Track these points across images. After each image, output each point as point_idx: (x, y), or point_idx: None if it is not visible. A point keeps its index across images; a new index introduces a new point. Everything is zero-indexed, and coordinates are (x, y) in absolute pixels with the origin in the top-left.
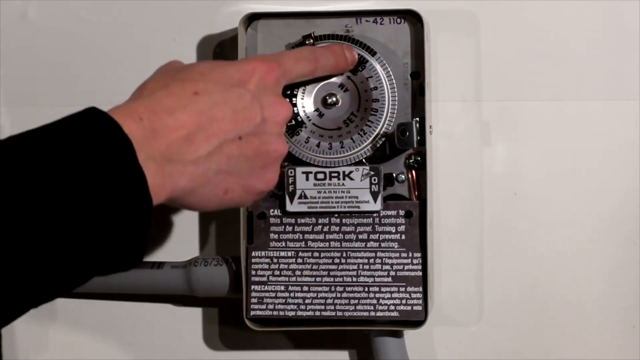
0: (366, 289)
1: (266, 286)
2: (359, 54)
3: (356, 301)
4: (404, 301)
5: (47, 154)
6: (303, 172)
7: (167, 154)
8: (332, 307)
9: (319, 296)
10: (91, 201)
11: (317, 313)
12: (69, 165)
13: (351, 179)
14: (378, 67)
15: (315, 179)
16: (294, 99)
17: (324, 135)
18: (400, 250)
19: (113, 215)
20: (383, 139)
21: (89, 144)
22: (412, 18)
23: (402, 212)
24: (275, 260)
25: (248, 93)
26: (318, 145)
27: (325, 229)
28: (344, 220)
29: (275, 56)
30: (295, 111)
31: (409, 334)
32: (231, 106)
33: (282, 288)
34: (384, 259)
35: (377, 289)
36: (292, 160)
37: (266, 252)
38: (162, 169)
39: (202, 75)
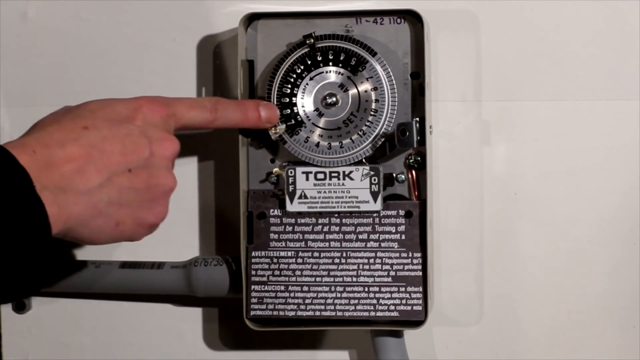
0: (366, 289)
1: (266, 286)
2: (359, 54)
3: (356, 301)
4: (404, 301)
5: None
6: (303, 172)
7: (61, 185)
8: (332, 307)
9: (319, 296)
10: None
11: (317, 313)
12: None
13: (351, 179)
14: (378, 67)
15: (315, 179)
16: (294, 99)
17: (323, 135)
18: (400, 250)
19: (13, 243)
20: (383, 139)
21: None
22: (412, 18)
23: (402, 212)
24: (275, 260)
25: (136, 128)
26: (318, 145)
27: (325, 229)
28: (344, 220)
29: (168, 99)
30: (295, 111)
31: (409, 334)
32: (120, 140)
33: (282, 288)
34: (384, 259)
35: (377, 289)
36: (292, 160)
37: (266, 252)
38: (57, 199)
39: (91, 112)
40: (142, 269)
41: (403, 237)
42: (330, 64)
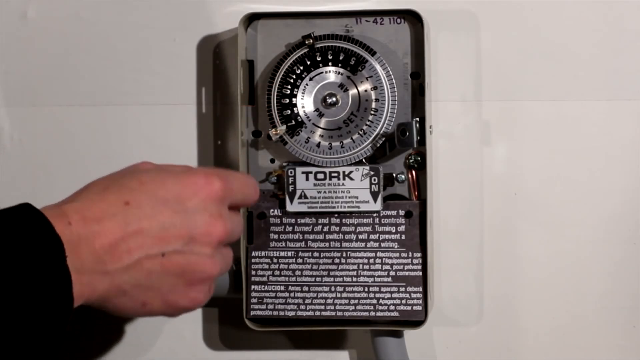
0: (366, 289)
1: (266, 286)
2: (358, 54)
3: (356, 301)
4: (404, 301)
5: None
6: (303, 172)
7: (89, 261)
8: (332, 307)
9: (319, 296)
10: (15, 299)
11: (317, 313)
12: None
13: (351, 179)
14: (378, 67)
15: (315, 179)
16: (293, 99)
17: (323, 135)
18: (400, 250)
19: (35, 313)
20: (383, 139)
21: (21, 242)
22: (412, 18)
23: (402, 212)
24: (275, 260)
25: (181, 210)
26: (318, 145)
27: (325, 229)
28: (344, 220)
29: (224, 174)
30: (296, 112)
31: (409, 334)
32: (159, 221)
33: (282, 288)
34: (384, 259)
35: (377, 289)
36: (292, 160)
37: (266, 252)
38: (81, 276)
39: (140, 184)
40: None
41: (403, 237)
42: (330, 64)
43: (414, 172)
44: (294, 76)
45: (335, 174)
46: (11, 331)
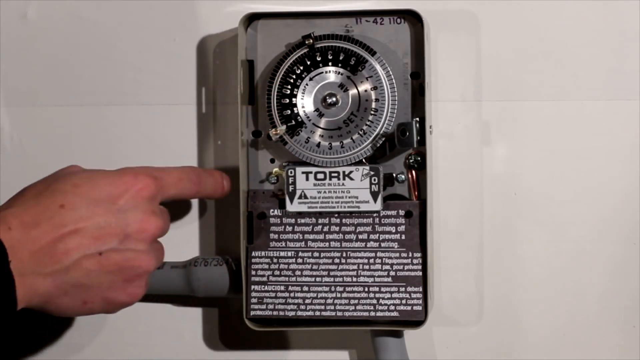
0: (366, 289)
1: (266, 286)
2: (358, 54)
3: (356, 301)
4: (404, 301)
5: None
6: (303, 172)
7: (29, 265)
8: (332, 307)
9: (319, 296)
10: None
11: (317, 313)
12: None
13: (351, 179)
14: (378, 67)
15: (315, 179)
16: (293, 99)
17: (323, 135)
18: (400, 250)
19: None
20: (383, 139)
21: None
22: (412, 18)
23: (402, 212)
24: (275, 260)
25: (115, 209)
26: (318, 145)
27: (325, 229)
28: (344, 220)
29: (156, 172)
30: (296, 112)
31: (409, 334)
32: (94, 221)
33: (282, 288)
34: (384, 259)
35: (377, 289)
36: (292, 160)
37: (266, 252)
38: (23, 280)
39: (73, 186)
40: None
41: (403, 237)
42: (330, 64)
43: (414, 172)
44: (294, 76)
45: (335, 174)
46: None
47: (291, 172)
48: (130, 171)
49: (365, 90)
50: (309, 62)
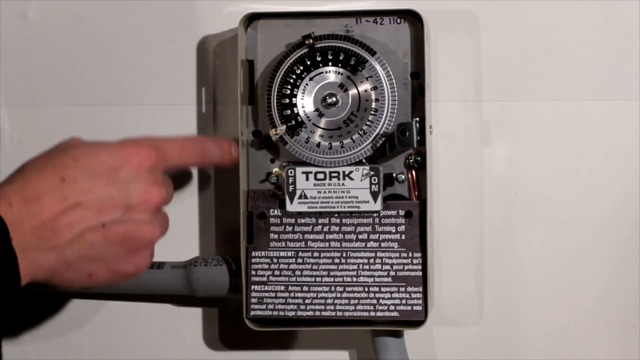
0: (366, 289)
1: (266, 286)
2: (358, 54)
3: (356, 301)
4: (404, 301)
5: None
6: (303, 172)
7: (32, 240)
8: (332, 307)
9: (319, 296)
10: None
11: (317, 313)
12: None
13: (351, 179)
14: (378, 67)
15: (315, 179)
16: (293, 99)
17: (324, 135)
18: (400, 250)
19: None
20: (383, 139)
21: None
22: (412, 18)
23: (402, 212)
24: (275, 260)
25: (117, 180)
26: (318, 145)
27: (325, 229)
28: (344, 220)
29: (157, 142)
30: (296, 112)
31: (409, 334)
32: (96, 194)
33: (282, 288)
34: (384, 259)
35: (377, 289)
36: (292, 160)
37: (266, 252)
38: (26, 254)
39: (74, 159)
40: None
41: (403, 237)
42: (330, 64)
43: (414, 172)
44: (294, 76)
45: (335, 174)
46: None
47: (291, 172)
48: (131, 142)
49: (365, 90)
50: (309, 62)
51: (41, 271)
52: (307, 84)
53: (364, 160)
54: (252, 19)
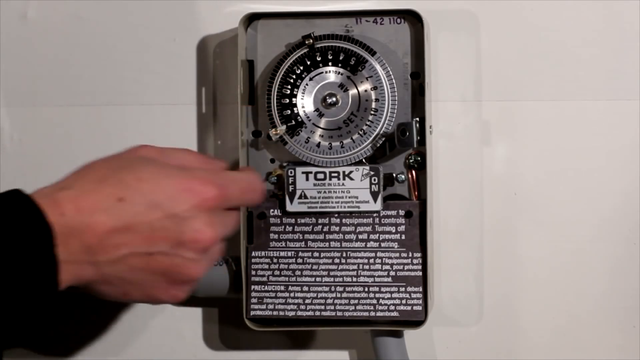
0: (366, 289)
1: (266, 286)
2: (358, 54)
3: (356, 301)
4: (404, 301)
5: None
6: (303, 172)
7: (76, 254)
8: (332, 307)
9: (319, 296)
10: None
11: (317, 313)
12: None
13: (351, 179)
14: (378, 67)
15: (315, 179)
16: (293, 99)
17: (323, 135)
18: (400, 250)
19: (21, 297)
20: (383, 139)
21: (9, 228)
22: (412, 18)
23: (402, 212)
24: (275, 260)
25: (173, 214)
26: (318, 145)
27: (325, 229)
28: (344, 220)
29: (224, 181)
30: (296, 112)
31: (409, 334)
32: (149, 222)
33: (282, 288)
34: (384, 259)
35: (377, 289)
36: (292, 160)
37: (266, 252)
38: (68, 266)
39: (137, 181)
40: None
41: (403, 237)
42: (330, 64)
43: (414, 172)
44: (294, 76)
45: (335, 174)
46: None
47: (291, 172)
48: (198, 177)
49: (365, 90)
50: (309, 62)
51: (79, 281)
52: (307, 84)
53: (364, 160)
54: (252, 19)
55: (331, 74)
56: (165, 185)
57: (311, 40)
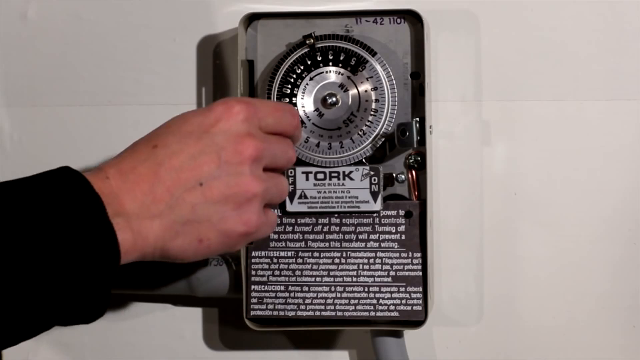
0: (366, 289)
1: (266, 286)
2: (358, 54)
3: (356, 301)
4: (404, 301)
5: (20, 209)
6: (303, 172)
7: (133, 210)
8: (332, 307)
9: (319, 296)
10: (61, 255)
11: (317, 313)
12: (41, 219)
13: (351, 179)
14: (378, 67)
15: (315, 179)
16: (294, 99)
17: (323, 135)
18: (400, 250)
19: (82, 269)
20: (383, 139)
21: (61, 200)
22: (412, 18)
23: (402, 212)
24: (275, 260)
25: (206, 136)
26: (318, 145)
27: (325, 229)
28: (344, 220)
29: (247, 99)
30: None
31: (409, 334)
32: (187, 153)
33: (282, 288)
34: (384, 259)
35: (377, 289)
36: None
37: (266, 252)
38: (130, 225)
39: (165, 127)
40: None
41: (403, 237)
42: (330, 64)
43: (414, 172)
44: (294, 76)
45: (335, 174)
46: (60, 292)
47: (291, 172)
48: (221, 101)
49: (366, 91)
50: (309, 62)
51: (149, 243)
52: (307, 84)
53: (364, 160)
54: (252, 19)
55: (331, 74)
56: (191, 117)
57: (312, 40)
